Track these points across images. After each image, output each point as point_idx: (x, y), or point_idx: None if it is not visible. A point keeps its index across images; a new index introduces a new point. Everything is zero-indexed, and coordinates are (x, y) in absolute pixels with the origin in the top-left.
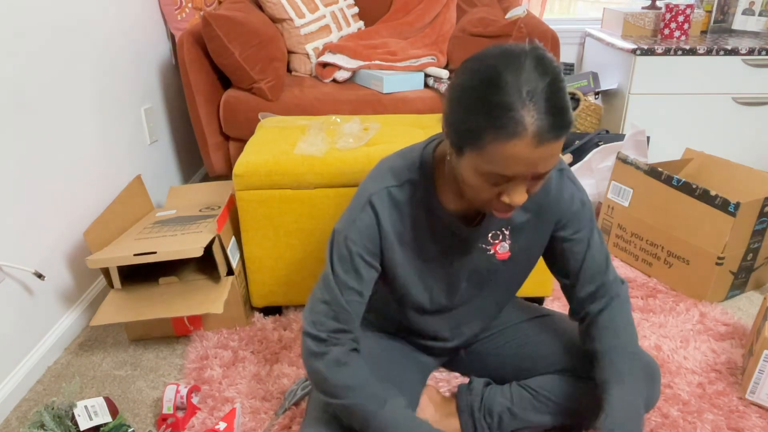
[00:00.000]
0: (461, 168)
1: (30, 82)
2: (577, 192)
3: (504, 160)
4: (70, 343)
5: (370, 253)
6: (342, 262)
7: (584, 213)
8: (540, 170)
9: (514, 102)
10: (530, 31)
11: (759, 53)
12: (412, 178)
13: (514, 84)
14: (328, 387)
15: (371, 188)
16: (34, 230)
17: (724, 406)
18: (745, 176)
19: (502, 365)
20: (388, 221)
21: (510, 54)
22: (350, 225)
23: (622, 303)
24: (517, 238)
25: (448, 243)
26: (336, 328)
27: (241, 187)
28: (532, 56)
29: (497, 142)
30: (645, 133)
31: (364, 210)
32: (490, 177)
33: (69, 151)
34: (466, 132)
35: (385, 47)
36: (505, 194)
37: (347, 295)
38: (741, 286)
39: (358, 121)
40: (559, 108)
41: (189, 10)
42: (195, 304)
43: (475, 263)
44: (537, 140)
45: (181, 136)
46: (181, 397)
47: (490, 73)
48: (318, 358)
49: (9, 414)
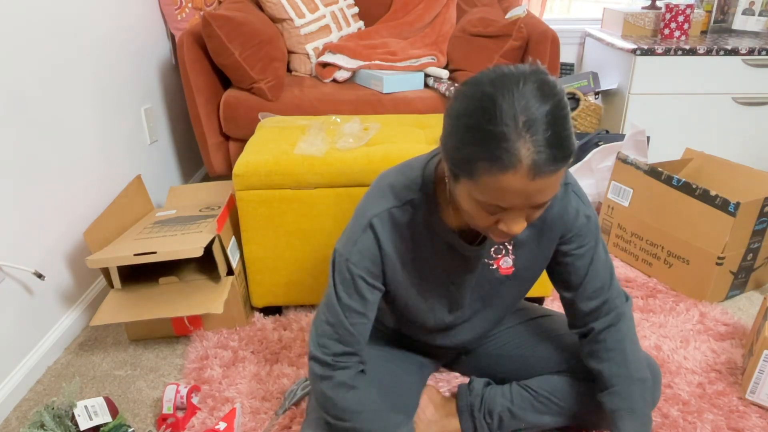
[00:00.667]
0: (457, 194)
1: (30, 81)
2: (583, 206)
3: (498, 192)
4: (70, 343)
5: (372, 275)
6: (345, 285)
7: (589, 228)
8: (537, 201)
9: (509, 133)
10: (530, 31)
11: (759, 53)
12: (413, 198)
13: (509, 113)
14: (336, 411)
15: (372, 209)
16: (34, 230)
17: (724, 406)
18: (745, 176)
19: (503, 366)
20: (390, 243)
21: (507, 79)
22: (351, 247)
23: (628, 323)
24: (520, 252)
25: (451, 262)
26: (342, 351)
27: (241, 187)
28: (531, 81)
29: (490, 174)
30: (645, 133)
31: (365, 232)
32: (486, 207)
33: (69, 151)
34: (460, 161)
35: (385, 47)
36: (503, 223)
37: (351, 318)
38: (741, 286)
39: (358, 121)
40: (559, 138)
41: (189, 10)
42: (195, 304)
43: (478, 279)
44: (533, 173)
45: (181, 136)
46: (181, 397)
47: (485, 101)
48: (324, 381)
49: (9, 414)
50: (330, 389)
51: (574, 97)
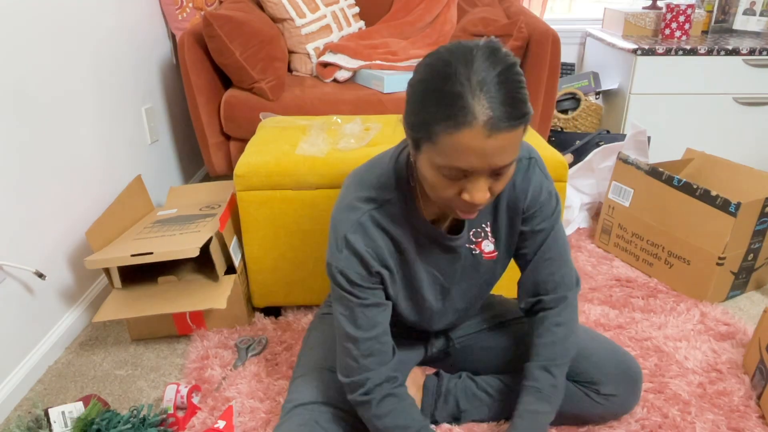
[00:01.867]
0: (421, 166)
1: (30, 81)
2: (546, 182)
3: (455, 152)
4: (71, 342)
5: (364, 278)
6: (348, 309)
7: (551, 204)
8: (496, 163)
9: (464, 92)
10: (531, 30)
11: (760, 53)
12: (389, 198)
13: (464, 74)
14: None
15: (344, 226)
16: (35, 230)
17: (725, 406)
18: (746, 176)
19: (489, 366)
20: (369, 255)
21: (463, 47)
22: (338, 258)
23: (570, 309)
24: (498, 235)
25: (434, 256)
26: (371, 367)
27: (242, 188)
28: (484, 49)
29: (447, 133)
30: (646, 133)
31: (344, 248)
32: (447, 171)
33: (69, 151)
34: (420, 125)
35: (386, 47)
36: (465, 191)
37: (371, 332)
38: (742, 286)
39: (359, 122)
40: (512, 98)
41: (190, 10)
42: (198, 300)
43: (463, 266)
44: (488, 130)
45: (181, 135)
46: (181, 396)
47: (442, 66)
48: (365, 406)
49: (10, 414)
50: (375, 410)
51: (574, 97)
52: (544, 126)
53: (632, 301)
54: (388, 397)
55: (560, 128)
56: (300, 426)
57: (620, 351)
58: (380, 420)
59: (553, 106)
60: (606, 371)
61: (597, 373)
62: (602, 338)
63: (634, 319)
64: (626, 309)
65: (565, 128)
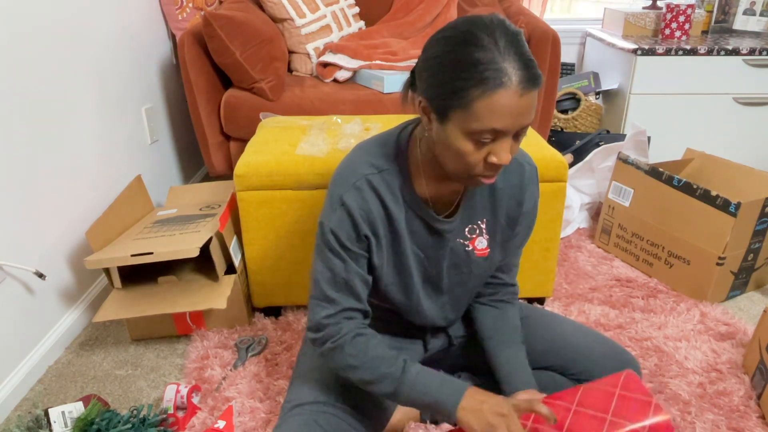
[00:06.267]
0: (447, 136)
1: (30, 81)
2: (537, 192)
3: (491, 113)
4: (70, 342)
5: (353, 241)
6: (330, 271)
7: (533, 214)
8: (524, 122)
9: (494, 56)
10: (531, 30)
11: (760, 53)
12: (384, 167)
13: (489, 40)
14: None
15: (341, 187)
16: (35, 230)
17: (725, 406)
18: (746, 176)
19: (489, 366)
20: (361, 218)
21: (477, 18)
22: (330, 218)
23: (514, 308)
24: (494, 232)
25: (420, 235)
26: (344, 328)
27: (242, 188)
28: (495, 18)
29: (484, 96)
30: (646, 133)
31: (338, 208)
32: (479, 136)
33: (69, 151)
34: (451, 94)
35: (386, 47)
36: (493, 154)
37: (349, 271)
38: (742, 286)
39: (359, 122)
40: (530, 59)
41: (190, 10)
42: (198, 300)
43: (455, 260)
44: (521, 89)
45: (181, 135)
46: (181, 396)
47: (465, 36)
48: (336, 352)
49: (10, 414)
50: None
51: (574, 97)
52: (544, 126)
53: (632, 301)
54: (358, 336)
55: (560, 128)
56: (300, 426)
57: (619, 349)
58: (356, 358)
59: (553, 106)
60: (605, 369)
61: (596, 370)
62: (601, 337)
63: (634, 319)
64: (626, 309)
65: (565, 128)
